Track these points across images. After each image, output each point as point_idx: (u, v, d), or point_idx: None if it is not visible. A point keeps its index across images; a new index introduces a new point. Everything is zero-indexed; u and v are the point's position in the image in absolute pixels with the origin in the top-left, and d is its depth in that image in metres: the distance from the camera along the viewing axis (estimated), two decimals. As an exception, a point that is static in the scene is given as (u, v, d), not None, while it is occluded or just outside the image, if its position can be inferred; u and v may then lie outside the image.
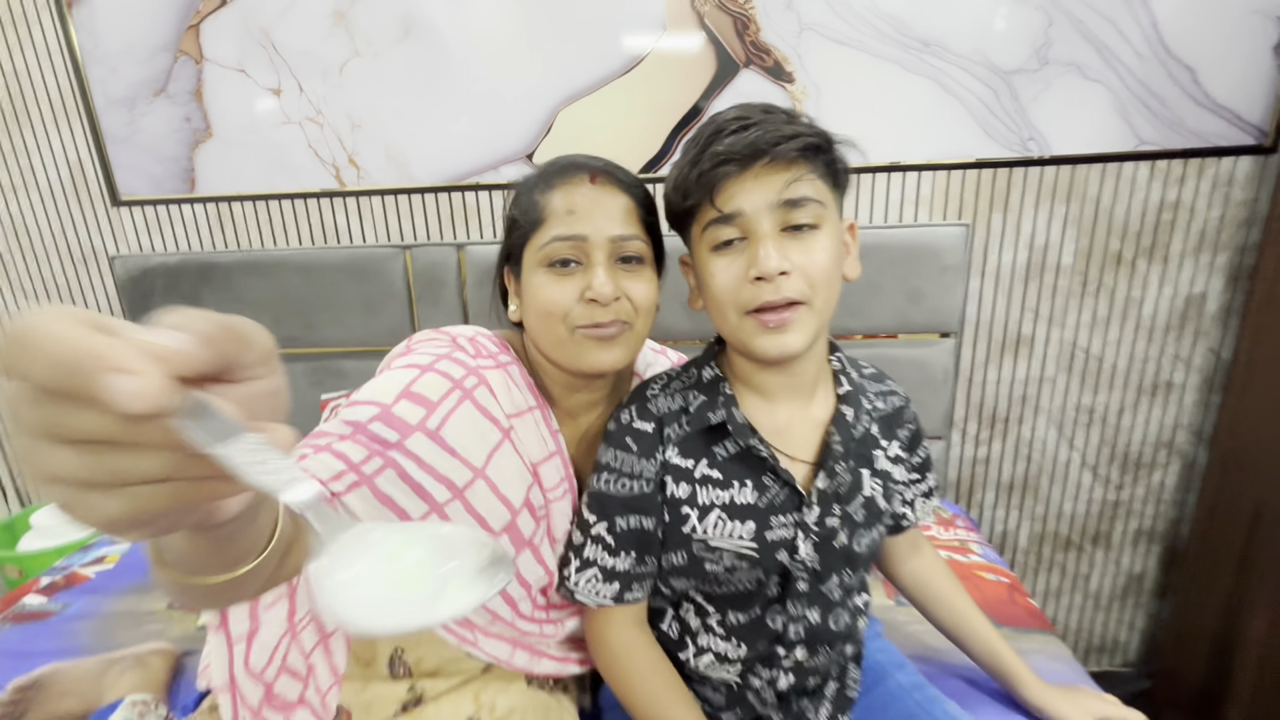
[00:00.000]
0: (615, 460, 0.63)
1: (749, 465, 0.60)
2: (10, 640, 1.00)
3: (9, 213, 1.41)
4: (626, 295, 0.62)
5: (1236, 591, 1.20)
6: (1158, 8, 1.13)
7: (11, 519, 1.49)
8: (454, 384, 0.60)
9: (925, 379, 1.28)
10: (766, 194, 0.54)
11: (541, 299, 0.61)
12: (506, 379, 0.65)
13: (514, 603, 0.66)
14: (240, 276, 1.33)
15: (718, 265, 0.57)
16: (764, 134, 0.52)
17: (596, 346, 0.62)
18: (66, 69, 1.32)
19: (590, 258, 0.61)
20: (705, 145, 0.55)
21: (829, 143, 0.56)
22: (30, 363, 0.21)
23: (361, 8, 1.24)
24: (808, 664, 0.63)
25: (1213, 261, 1.25)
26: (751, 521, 0.60)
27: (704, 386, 0.63)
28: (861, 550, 0.63)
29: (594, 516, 0.63)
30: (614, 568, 0.62)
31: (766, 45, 1.20)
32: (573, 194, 0.61)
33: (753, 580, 0.61)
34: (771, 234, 0.54)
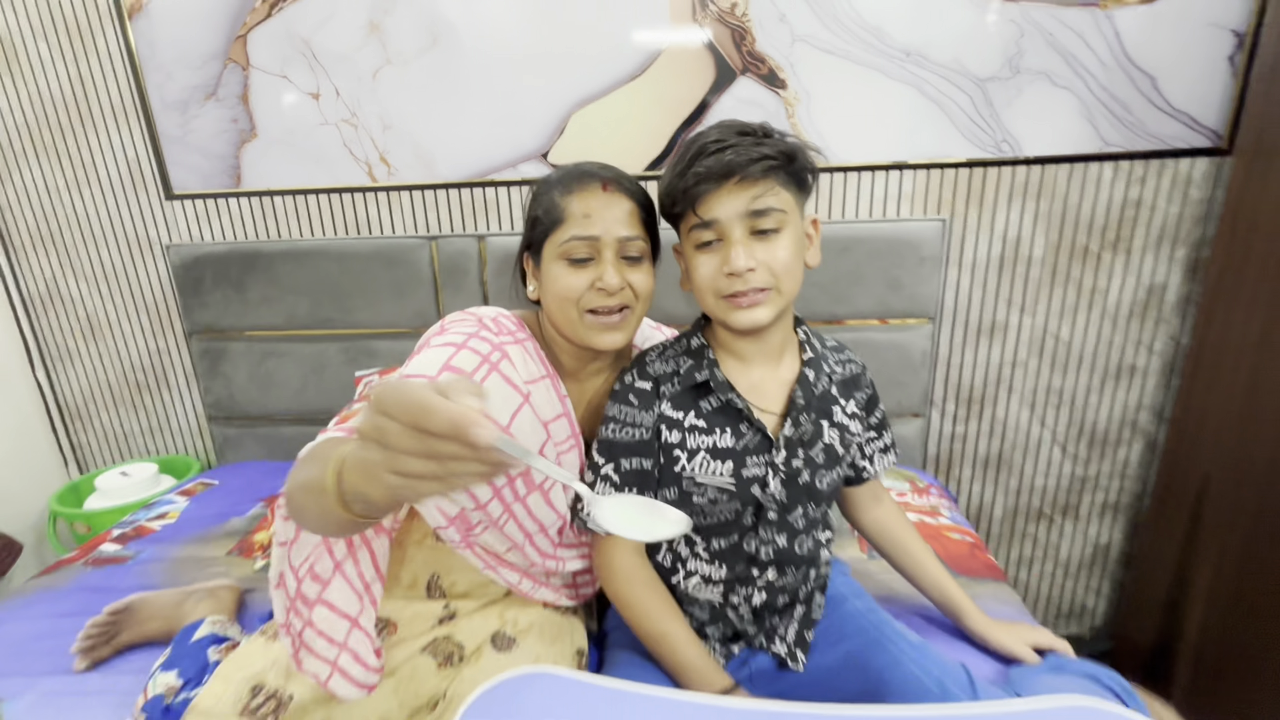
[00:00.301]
0: (620, 414, 0.76)
1: (728, 415, 0.73)
2: (92, 579, 1.15)
3: (74, 205, 1.56)
4: (629, 285, 0.75)
5: (1184, 557, 1.32)
6: (1120, 20, 1.23)
7: (76, 482, 1.64)
8: (483, 358, 0.73)
9: (905, 361, 1.40)
10: (737, 206, 0.66)
11: (560, 287, 0.74)
12: (524, 352, 0.78)
13: (530, 535, 0.79)
14: (282, 264, 1.47)
15: (700, 260, 0.70)
16: (736, 157, 0.65)
17: (603, 329, 0.75)
18: (127, 75, 1.45)
19: (601, 255, 0.74)
20: (689, 163, 0.67)
21: (791, 159, 0.67)
22: (416, 415, 0.37)
23: (393, 20, 1.37)
24: (777, 583, 0.75)
25: (1172, 255, 1.35)
26: (730, 461, 0.72)
27: (692, 353, 0.76)
28: (822, 488, 0.75)
29: (603, 459, 0.76)
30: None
31: (761, 54, 1.32)
32: (588, 200, 0.73)
33: (731, 511, 0.74)
34: (741, 239, 0.67)
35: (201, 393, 1.61)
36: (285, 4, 1.38)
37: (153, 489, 1.57)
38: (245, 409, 1.57)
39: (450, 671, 0.77)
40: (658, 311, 1.43)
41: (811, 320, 1.38)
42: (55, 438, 1.73)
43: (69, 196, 1.55)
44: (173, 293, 1.60)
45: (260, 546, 1.23)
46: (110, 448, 1.77)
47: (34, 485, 1.66)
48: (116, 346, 1.67)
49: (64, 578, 1.16)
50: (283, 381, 1.54)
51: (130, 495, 1.53)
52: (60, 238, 1.59)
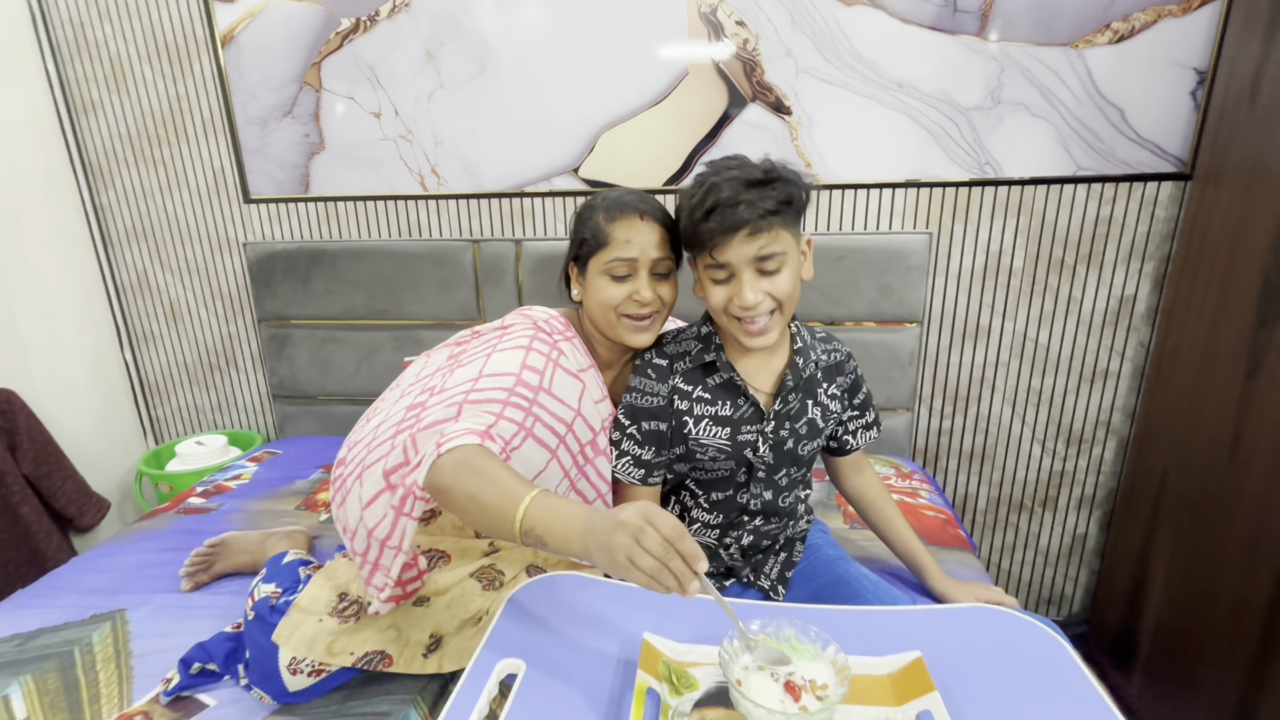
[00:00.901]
0: (640, 384, 0.91)
1: (729, 391, 0.89)
2: (185, 524, 1.36)
3: (165, 207, 1.79)
4: (659, 296, 0.91)
5: (1146, 546, 1.45)
6: (1091, 59, 1.38)
7: (158, 449, 1.86)
8: (547, 357, 0.90)
9: (894, 360, 1.55)
10: (746, 252, 0.79)
11: (603, 297, 0.90)
12: (573, 347, 0.94)
13: (601, 496, 0.95)
14: (343, 261, 1.67)
15: (714, 289, 0.83)
16: (747, 214, 0.76)
17: (636, 331, 0.91)
18: (217, 95, 1.68)
19: (638, 273, 0.89)
20: (706, 213, 0.78)
21: (790, 202, 0.79)
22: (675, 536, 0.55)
23: (447, 50, 1.57)
24: (763, 529, 0.92)
25: (1141, 269, 1.49)
26: (728, 428, 0.89)
27: (701, 338, 0.92)
28: (803, 454, 0.91)
29: (628, 421, 0.91)
30: (640, 456, 0.90)
31: (769, 84, 1.49)
32: (629, 229, 0.89)
33: (727, 468, 0.90)
34: (750, 279, 0.79)
35: (267, 374, 1.82)
36: (355, 36, 1.59)
37: (223, 457, 1.78)
38: (305, 389, 1.78)
39: (492, 593, 0.94)
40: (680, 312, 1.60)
41: (810, 320, 1.54)
42: (137, 411, 1.96)
43: (161, 199, 1.78)
44: (246, 284, 1.81)
45: (323, 504, 1.43)
46: (183, 421, 1.99)
47: (119, 452, 1.89)
48: (194, 331, 1.89)
49: (161, 522, 1.37)
50: (339, 365, 1.74)
51: (205, 461, 1.74)
52: (151, 235, 1.82)
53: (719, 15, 1.46)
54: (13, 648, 0.99)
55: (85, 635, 1.01)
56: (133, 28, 1.65)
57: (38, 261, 1.66)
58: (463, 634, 0.92)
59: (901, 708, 0.56)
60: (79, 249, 1.77)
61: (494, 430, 0.78)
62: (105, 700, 0.89)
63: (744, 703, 0.53)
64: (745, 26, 1.46)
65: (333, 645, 0.86)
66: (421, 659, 0.89)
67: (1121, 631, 1.52)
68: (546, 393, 0.86)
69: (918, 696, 0.55)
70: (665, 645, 0.63)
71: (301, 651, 0.85)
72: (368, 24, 1.58)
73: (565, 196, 1.63)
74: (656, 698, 0.56)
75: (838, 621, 0.61)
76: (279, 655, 0.85)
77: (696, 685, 0.59)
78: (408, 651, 0.89)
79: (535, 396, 0.85)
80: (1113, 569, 1.60)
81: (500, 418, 0.81)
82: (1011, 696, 0.57)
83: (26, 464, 1.56)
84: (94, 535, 1.75)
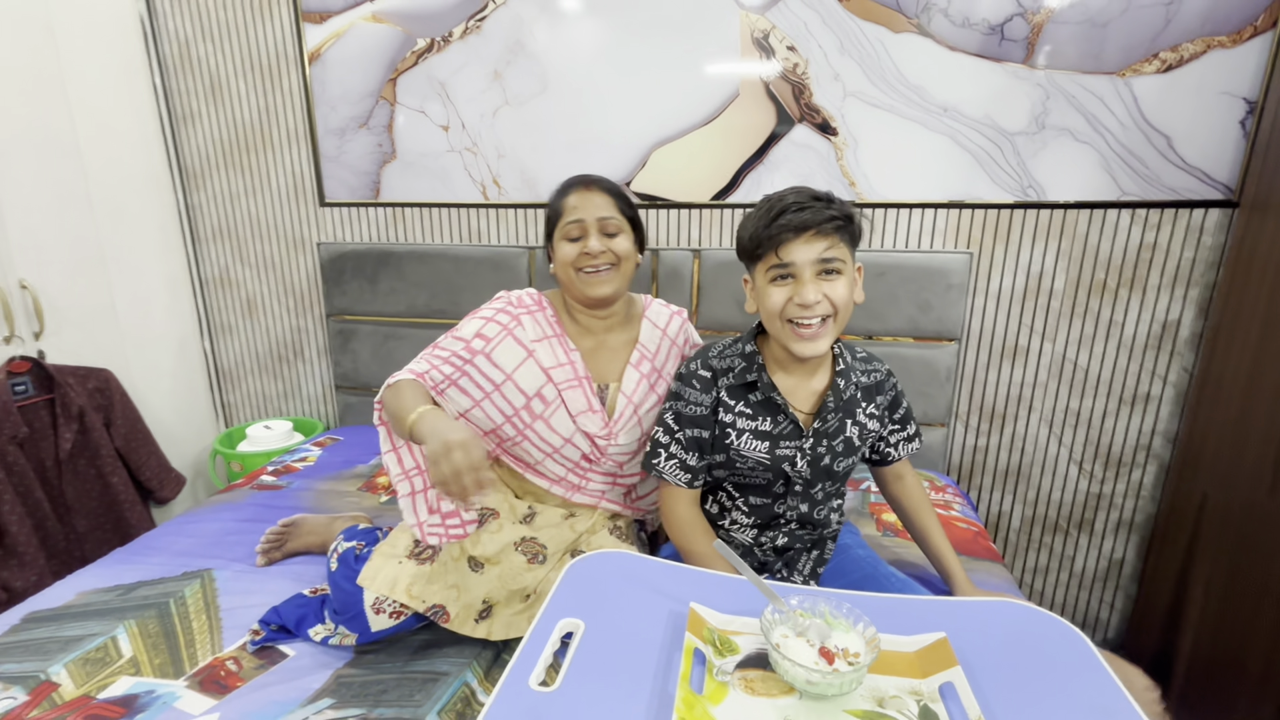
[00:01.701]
0: (686, 394, 0.97)
1: (769, 408, 0.94)
2: (259, 499, 1.48)
3: (248, 208, 1.94)
4: (610, 249, 1.04)
5: (1184, 572, 1.44)
6: (1138, 87, 1.40)
7: (230, 431, 2.01)
8: (504, 328, 1.06)
9: (931, 376, 1.59)
10: (810, 253, 0.84)
11: (562, 256, 1.05)
12: (535, 320, 1.09)
13: (547, 454, 1.09)
14: (408, 263, 1.79)
15: (773, 290, 0.88)
16: (813, 216, 0.83)
17: (593, 281, 1.04)
18: (302, 107, 1.83)
19: (587, 231, 1.04)
20: (774, 217, 0.85)
21: (850, 220, 0.87)
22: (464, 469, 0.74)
23: (513, 70, 1.68)
24: (796, 533, 0.97)
25: (1186, 294, 1.49)
26: (768, 442, 0.94)
27: (745, 356, 0.96)
28: (839, 470, 0.96)
29: (675, 426, 0.97)
30: (685, 461, 0.97)
31: (817, 106, 1.55)
32: (578, 197, 1.06)
33: (765, 479, 0.95)
34: (811, 278, 0.85)
35: (331, 365, 1.95)
36: (429, 55, 1.72)
37: (289, 441, 1.91)
38: (366, 381, 1.90)
39: (538, 568, 1.02)
40: (712, 320, 1.68)
41: (849, 335, 1.59)
42: (212, 395, 2.12)
43: (245, 201, 1.94)
44: (318, 282, 1.95)
45: (383, 486, 1.53)
46: (251, 407, 2.14)
47: (194, 433, 2.04)
48: (267, 323, 2.04)
49: (238, 496, 1.49)
50: (400, 360, 1.85)
51: (273, 444, 1.88)
52: (234, 234, 1.98)
53: (771, 40, 1.53)
54: (116, 596, 1.11)
55: (179, 589, 1.13)
56: (231, 45, 1.81)
57: (138, 255, 1.83)
58: (510, 606, 1.01)
59: (925, 680, 0.61)
60: (172, 245, 1.94)
61: (427, 375, 1.02)
62: (199, 645, 1.00)
63: (783, 662, 0.59)
64: (795, 51, 1.53)
65: (410, 588, 0.96)
66: (473, 623, 0.98)
67: (1158, 658, 1.51)
68: (485, 356, 1.05)
69: (941, 670, 0.61)
70: (710, 614, 0.70)
71: (384, 592, 0.95)
72: (441, 44, 1.70)
73: (617, 208, 1.72)
74: (702, 657, 0.63)
75: (867, 607, 0.66)
76: (364, 596, 0.96)
77: (738, 650, 0.65)
78: (463, 613, 0.97)
79: (472, 359, 1.05)
80: (1150, 595, 1.59)
81: (435, 367, 1.03)
82: (1031, 680, 0.62)
83: (119, 438, 1.72)
84: (169, 508, 1.90)
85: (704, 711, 0.56)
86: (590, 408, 1.07)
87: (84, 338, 1.70)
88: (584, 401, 1.07)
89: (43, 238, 1.59)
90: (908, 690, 0.60)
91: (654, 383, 1.11)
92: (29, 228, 1.56)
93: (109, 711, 0.86)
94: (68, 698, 0.89)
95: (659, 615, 0.71)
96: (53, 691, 0.90)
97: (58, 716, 0.85)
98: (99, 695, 0.89)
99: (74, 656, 0.96)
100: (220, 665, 0.95)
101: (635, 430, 1.09)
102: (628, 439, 1.09)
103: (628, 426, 1.08)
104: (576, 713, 0.58)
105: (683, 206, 1.69)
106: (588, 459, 1.10)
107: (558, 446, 1.07)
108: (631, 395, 1.09)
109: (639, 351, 1.11)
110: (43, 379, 1.58)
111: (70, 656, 0.96)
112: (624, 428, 1.08)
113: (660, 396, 1.11)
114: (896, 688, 0.60)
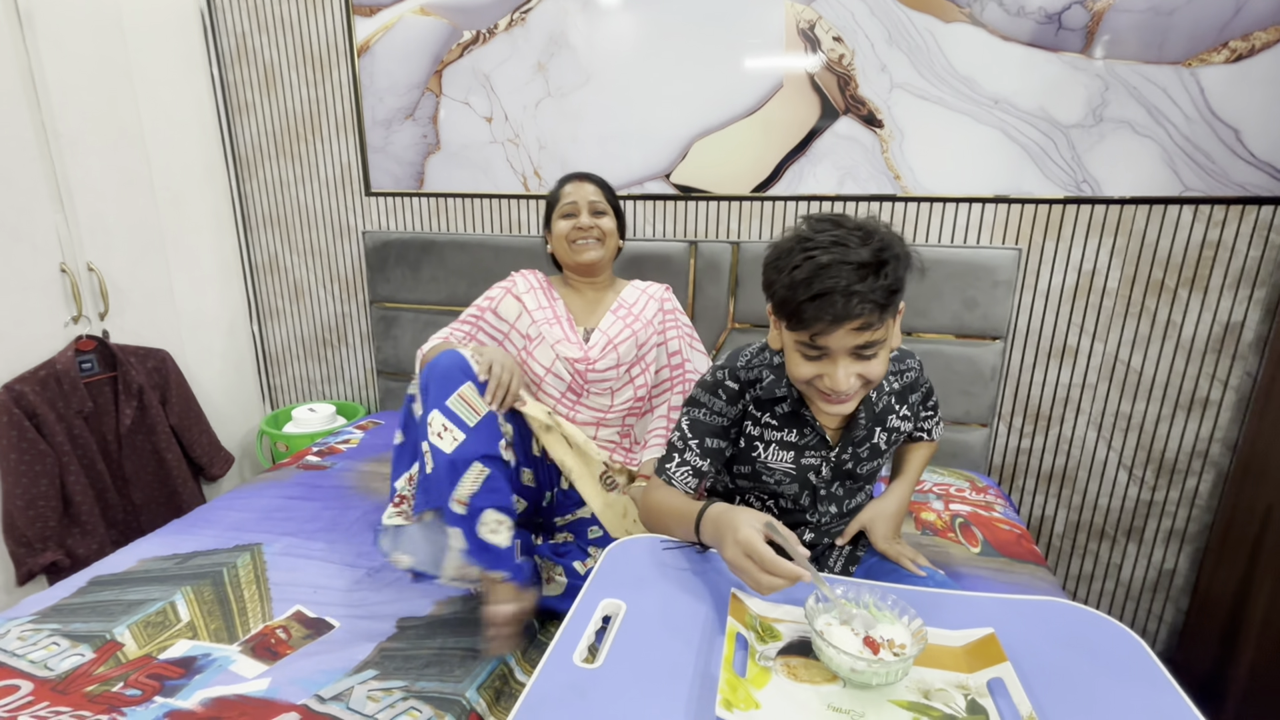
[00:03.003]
0: (710, 402, 0.93)
1: (796, 421, 0.91)
2: (304, 478, 1.53)
3: (297, 197, 2.00)
4: (598, 225, 1.31)
5: (1243, 588, 1.38)
6: (1205, 78, 1.34)
7: (276, 413, 2.08)
8: (505, 289, 1.37)
9: (975, 374, 1.55)
10: (846, 342, 0.75)
11: (557, 231, 1.33)
12: (526, 279, 1.38)
13: (537, 381, 1.28)
14: (450, 251, 1.83)
15: (801, 362, 0.80)
16: (857, 307, 0.71)
17: (583, 249, 1.31)
18: (351, 99, 1.87)
19: (579, 210, 1.31)
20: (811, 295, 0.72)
21: (899, 292, 0.74)
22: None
23: (556, 62, 1.70)
24: (823, 527, 0.96)
25: (1251, 295, 1.43)
26: (793, 453, 0.92)
27: (774, 369, 0.91)
28: (862, 473, 0.94)
29: (691, 435, 0.93)
30: (699, 468, 0.94)
31: (863, 98, 1.53)
32: (573, 186, 1.34)
33: (792, 491, 0.93)
34: (845, 363, 0.76)
35: (374, 351, 2.00)
36: (474, 47, 1.74)
37: (331, 424, 1.97)
38: (407, 367, 1.95)
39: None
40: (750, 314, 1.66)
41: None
42: (259, 378, 2.19)
43: (294, 190, 2.00)
44: (362, 269, 2.00)
45: (422, 470, 1.57)
46: (296, 390, 2.21)
47: (242, 414, 2.12)
48: (312, 309, 2.10)
49: (284, 475, 1.54)
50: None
51: (317, 426, 1.94)
52: (283, 221, 2.04)
53: (817, 31, 1.51)
54: (174, 565, 1.17)
55: (231, 560, 1.18)
56: (285, 38, 1.87)
57: (194, 240, 1.91)
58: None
59: (973, 674, 0.60)
60: (225, 231, 2.01)
61: (451, 337, 1.33)
62: (251, 614, 1.04)
63: (827, 649, 0.58)
64: (842, 42, 1.51)
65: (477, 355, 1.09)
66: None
67: (1211, 675, 1.46)
68: (493, 312, 1.36)
69: (989, 665, 0.59)
70: (752, 601, 0.70)
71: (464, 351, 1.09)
72: (486, 36, 1.73)
73: (657, 200, 1.72)
74: (744, 642, 0.63)
75: (911, 600, 0.65)
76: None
77: (780, 636, 0.65)
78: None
79: (483, 315, 1.36)
80: (1204, 608, 1.53)
81: (455, 329, 1.35)
82: (1083, 680, 0.60)
83: (173, 416, 1.79)
84: (218, 485, 1.98)
85: (747, 694, 0.56)
86: (566, 337, 1.29)
87: (144, 319, 1.78)
88: (561, 332, 1.29)
89: (109, 223, 1.67)
90: (954, 684, 0.59)
91: (629, 322, 1.32)
92: (98, 213, 1.64)
93: (170, 671, 0.90)
94: (131, 657, 0.93)
95: (700, 600, 0.72)
96: (117, 650, 0.95)
97: (122, 674, 0.90)
98: (160, 656, 0.94)
99: (136, 619, 1.01)
100: (271, 633, 0.99)
101: (611, 356, 1.27)
102: (605, 364, 1.26)
103: (604, 353, 1.27)
104: (620, 689, 0.58)
105: (722, 199, 1.68)
106: (574, 390, 1.28)
107: (548, 367, 1.28)
108: (607, 330, 1.30)
109: (619, 301, 1.36)
110: (106, 357, 1.66)
111: (133, 619, 1.01)
112: (601, 355, 1.26)
113: (634, 334, 1.30)
114: (943, 681, 0.59)
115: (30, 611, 1.03)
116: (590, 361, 1.26)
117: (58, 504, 1.51)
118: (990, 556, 1.22)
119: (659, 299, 1.37)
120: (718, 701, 0.54)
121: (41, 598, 1.07)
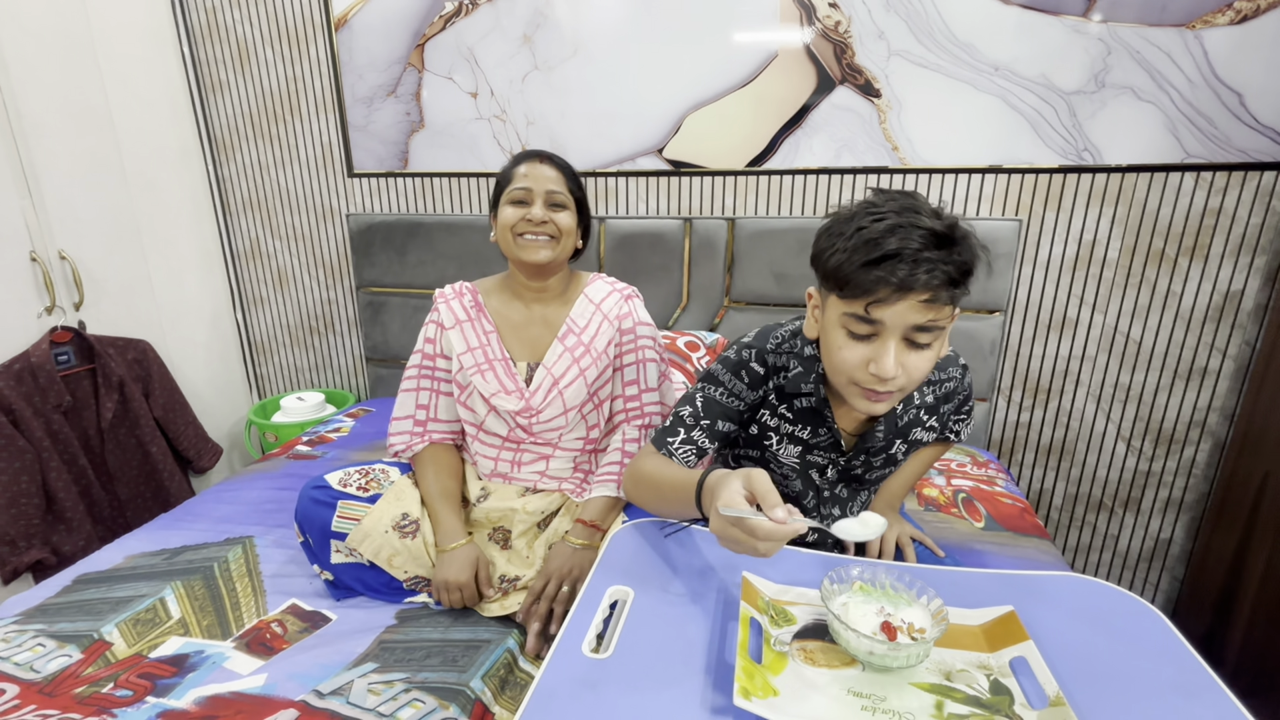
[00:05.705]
0: (729, 383, 0.85)
1: (812, 417, 0.85)
2: (294, 468, 1.49)
3: (277, 179, 1.94)
4: (553, 220, 1.05)
5: (1239, 555, 1.39)
6: (1209, 40, 1.31)
7: (264, 403, 2.04)
8: (436, 325, 1.13)
9: (975, 348, 1.54)
10: (907, 318, 0.66)
11: (503, 219, 1.06)
12: (449, 307, 1.12)
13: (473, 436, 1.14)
14: (437, 233, 1.78)
15: (845, 343, 0.70)
16: (928, 277, 0.63)
17: (533, 248, 1.05)
18: (329, 75, 1.80)
19: (533, 199, 1.05)
20: (876, 259, 0.64)
21: (970, 274, 0.66)
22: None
23: (542, 33, 1.63)
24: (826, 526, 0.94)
25: (1251, 263, 1.41)
26: (800, 447, 0.88)
27: (804, 360, 0.83)
28: (870, 479, 0.91)
29: (704, 414, 0.86)
30: (703, 446, 0.89)
31: (860, 67, 1.49)
32: (529, 167, 1.07)
33: (796, 489, 0.90)
34: (896, 346, 0.67)
35: (362, 337, 1.96)
36: (457, 19, 1.68)
37: (321, 412, 1.93)
38: (396, 353, 1.90)
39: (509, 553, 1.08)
40: (747, 292, 1.64)
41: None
42: (245, 367, 2.14)
43: (274, 172, 1.93)
44: (347, 253, 1.95)
45: (416, 457, 1.54)
46: (284, 379, 2.16)
47: (228, 404, 2.07)
48: (298, 295, 2.05)
49: (274, 465, 1.51)
50: (429, 332, 1.85)
51: (306, 415, 1.89)
52: (264, 205, 1.97)
53: (812, -3, 1.47)
54: (162, 560, 1.13)
55: (222, 554, 1.14)
56: (257, 12, 1.79)
57: (171, 228, 1.84)
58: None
59: (994, 654, 0.58)
60: (203, 217, 1.94)
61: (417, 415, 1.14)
62: (244, 608, 1.01)
63: (845, 632, 0.56)
64: (838, 9, 1.46)
65: (393, 560, 1.02)
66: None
67: (1205, 643, 1.47)
68: (441, 358, 1.14)
69: (1011, 644, 0.58)
70: (764, 584, 0.68)
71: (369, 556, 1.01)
72: (469, 7, 1.66)
73: (649, 176, 1.68)
74: (758, 627, 0.61)
75: (926, 579, 0.64)
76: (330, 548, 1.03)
77: (794, 620, 0.63)
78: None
79: (434, 368, 1.15)
80: (1199, 576, 1.54)
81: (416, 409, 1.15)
82: (1105, 656, 0.59)
83: (157, 408, 1.74)
84: (207, 478, 1.93)
85: (764, 681, 0.54)
86: (503, 387, 1.09)
87: (121, 309, 1.72)
88: (496, 382, 1.09)
89: (79, 209, 1.60)
90: (976, 664, 0.58)
91: (578, 356, 1.09)
92: (66, 199, 1.57)
93: (161, 670, 0.88)
94: (121, 656, 0.91)
95: (709, 585, 0.69)
96: (106, 650, 0.92)
97: (112, 674, 0.87)
98: (150, 654, 0.91)
99: (125, 617, 0.98)
100: (265, 627, 0.97)
101: (557, 404, 1.08)
102: (550, 414, 1.08)
103: (548, 400, 1.07)
104: (633, 680, 0.56)
105: (717, 174, 1.64)
106: (513, 441, 1.12)
107: (481, 421, 1.12)
108: (552, 368, 1.09)
109: (567, 326, 1.11)
110: (84, 349, 1.60)
111: (121, 617, 0.98)
112: (545, 402, 1.07)
113: (583, 370, 1.09)
114: (964, 661, 0.58)
115: (14, 612, 0.99)
116: (533, 411, 1.07)
117: (40, 501, 1.47)
118: (994, 531, 1.22)
119: (616, 318, 1.12)
120: (735, 690, 0.51)
121: (26, 597, 1.03)
